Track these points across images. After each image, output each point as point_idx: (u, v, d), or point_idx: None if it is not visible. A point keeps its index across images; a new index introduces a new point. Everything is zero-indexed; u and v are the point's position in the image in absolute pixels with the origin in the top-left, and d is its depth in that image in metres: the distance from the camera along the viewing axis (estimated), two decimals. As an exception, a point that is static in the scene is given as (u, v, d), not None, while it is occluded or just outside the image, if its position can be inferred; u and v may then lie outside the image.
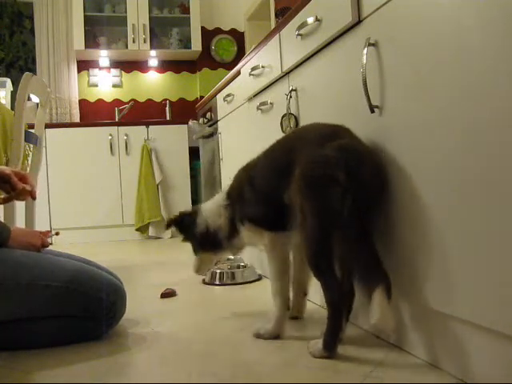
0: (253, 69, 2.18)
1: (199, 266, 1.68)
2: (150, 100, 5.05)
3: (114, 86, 5.00)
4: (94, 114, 4.90)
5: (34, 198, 1.58)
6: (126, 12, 4.66)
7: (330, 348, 1.20)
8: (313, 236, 1.19)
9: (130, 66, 5.01)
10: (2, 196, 1.58)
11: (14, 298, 1.35)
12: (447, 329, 1.06)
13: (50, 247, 1.62)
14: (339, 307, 1.20)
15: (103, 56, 4.86)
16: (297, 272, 1.54)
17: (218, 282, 2.20)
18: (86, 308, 1.42)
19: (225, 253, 1.67)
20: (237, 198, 1.52)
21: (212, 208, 1.59)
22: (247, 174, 1.50)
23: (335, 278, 1.19)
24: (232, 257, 2.58)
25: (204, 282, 2.25)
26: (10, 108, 3.29)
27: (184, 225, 1.66)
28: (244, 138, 2.47)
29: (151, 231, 4.34)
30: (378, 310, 1.10)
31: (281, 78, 1.93)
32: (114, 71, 5.00)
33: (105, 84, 4.97)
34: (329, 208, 1.17)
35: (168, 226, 1.70)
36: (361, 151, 1.22)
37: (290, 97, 1.78)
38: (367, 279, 1.18)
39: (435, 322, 1.10)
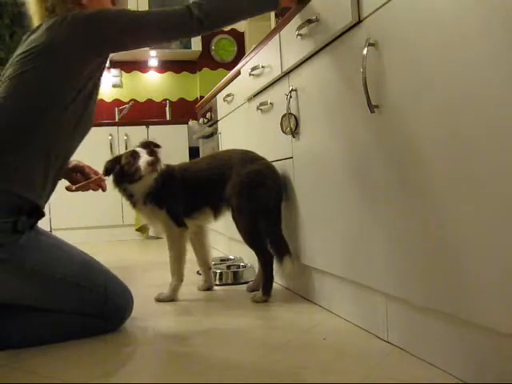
0: (253, 69, 2.18)
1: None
2: (149, 100, 5.05)
3: (114, 86, 5.00)
4: (94, 113, 4.90)
5: (104, 190, 1.80)
6: (126, 12, 4.65)
7: (268, 293, 1.83)
8: (249, 221, 1.85)
9: (129, 66, 5.00)
10: (78, 185, 1.73)
11: (41, 287, 1.40)
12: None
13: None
14: (271, 265, 1.85)
15: (103, 56, 4.85)
16: (199, 254, 2.11)
17: (217, 282, 2.20)
18: (99, 307, 1.47)
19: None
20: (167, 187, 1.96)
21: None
22: (182, 175, 2.00)
23: (266, 247, 1.84)
24: (232, 257, 2.58)
25: (204, 282, 2.24)
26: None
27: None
28: (244, 137, 2.47)
29: (151, 231, 4.33)
30: (288, 268, 1.79)
31: (281, 78, 1.93)
32: (114, 71, 5.00)
33: (105, 84, 4.96)
34: (260, 203, 1.83)
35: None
36: (274, 168, 1.92)
37: (290, 97, 1.78)
38: (278, 249, 1.83)
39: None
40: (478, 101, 0.91)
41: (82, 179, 1.75)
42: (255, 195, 1.83)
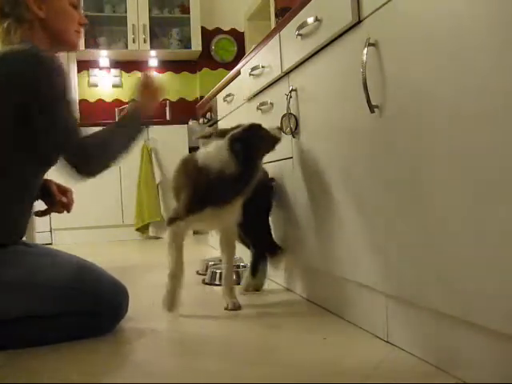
0: (253, 69, 2.18)
1: None
2: (149, 100, 5.04)
3: (114, 86, 5.00)
4: (94, 114, 4.90)
5: (67, 211, 1.77)
6: (126, 12, 4.66)
7: (255, 273, 1.94)
8: (257, 217, 1.92)
9: (129, 65, 5.00)
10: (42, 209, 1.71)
11: (27, 297, 1.39)
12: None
13: (50, 247, 1.64)
14: (263, 249, 1.93)
15: (103, 56, 4.86)
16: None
17: (217, 282, 2.20)
18: (93, 306, 1.45)
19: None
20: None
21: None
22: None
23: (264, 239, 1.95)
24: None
25: (204, 282, 2.24)
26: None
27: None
28: (244, 138, 2.47)
29: (151, 231, 4.33)
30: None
31: (281, 78, 1.93)
32: (114, 71, 5.00)
33: (105, 84, 4.97)
34: (264, 201, 1.94)
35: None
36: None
37: (290, 97, 1.78)
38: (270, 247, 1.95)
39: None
40: (478, 100, 0.91)
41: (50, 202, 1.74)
42: (268, 192, 1.96)
